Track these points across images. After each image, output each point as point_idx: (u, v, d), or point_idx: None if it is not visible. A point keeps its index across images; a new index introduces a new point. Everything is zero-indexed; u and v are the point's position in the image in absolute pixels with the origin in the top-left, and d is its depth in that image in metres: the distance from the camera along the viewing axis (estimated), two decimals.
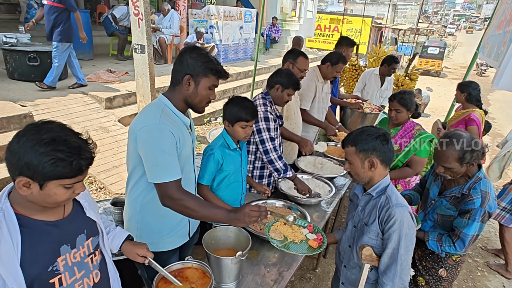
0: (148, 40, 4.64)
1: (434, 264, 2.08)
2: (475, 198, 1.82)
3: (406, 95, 2.57)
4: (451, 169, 1.86)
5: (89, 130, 4.45)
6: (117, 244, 1.46)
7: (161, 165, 1.49)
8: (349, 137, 1.67)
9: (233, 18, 9.07)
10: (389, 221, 1.53)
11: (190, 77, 1.54)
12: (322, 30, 17.24)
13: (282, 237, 1.86)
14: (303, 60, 2.80)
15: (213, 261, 1.64)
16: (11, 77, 5.29)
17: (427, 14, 48.80)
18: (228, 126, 2.03)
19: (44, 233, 1.10)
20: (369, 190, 1.66)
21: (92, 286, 1.24)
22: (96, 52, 7.91)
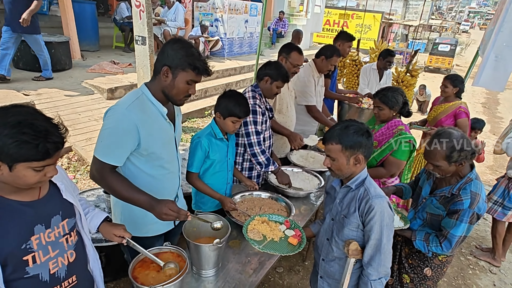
0: (149, 32, 4.67)
1: (420, 262, 2.07)
2: (464, 199, 1.79)
3: (389, 92, 2.48)
4: (439, 167, 1.83)
5: (89, 120, 4.54)
6: (95, 224, 1.50)
7: (105, 144, 1.53)
8: (333, 134, 1.60)
9: (239, 12, 9.05)
10: (369, 212, 1.54)
11: (168, 68, 1.55)
12: (331, 25, 17.06)
13: (261, 236, 1.85)
14: (296, 55, 2.78)
15: (192, 248, 1.68)
16: (16, 66, 5.40)
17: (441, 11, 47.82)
18: (219, 118, 2.06)
19: (18, 212, 1.14)
20: (348, 183, 1.65)
21: (67, 265, 1.28)
22: (102, 43, 7.99)
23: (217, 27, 8.74)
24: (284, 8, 13.07)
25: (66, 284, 1.29)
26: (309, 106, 3.27)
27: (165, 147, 1.71)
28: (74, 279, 1.32)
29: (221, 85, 7.32)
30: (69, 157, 4.00)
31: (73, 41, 6.17)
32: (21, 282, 1.16)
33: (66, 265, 1.28)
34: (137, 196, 1.57)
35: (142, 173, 1.68)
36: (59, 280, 1.26)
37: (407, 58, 14.56)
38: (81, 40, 6.69)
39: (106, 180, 1.57)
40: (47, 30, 6.96)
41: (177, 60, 1.53)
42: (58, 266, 1.25)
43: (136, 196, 1.57)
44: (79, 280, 1.34)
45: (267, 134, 2.60)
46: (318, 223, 1.97)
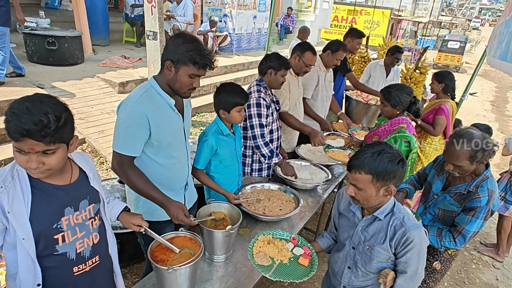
0: (161, 27, 4.75)
1: (429, 256, 2.09)
2: (482, 196, 1.81)
3: (394, 90, 2.46)
4: (461, 167, 1.83)
5: (102, 113, 4.65)
6: (115, 213, 1.62)
7: (121, 137, 1.64)
8: (362, 161, 1.38)
9: (247, 7, 9.09)
10: (407, 245, 1.43)
11: (170, 63, 1.62)
12: (339, 21, 17.00)
13: (269, 260, 1.75)
14: (310, 55, 2.82)
15: (205, 234, 1.77)
16: (30, 60, 5.53)
17: (451, 7, 47.11)
18: (224, 114, 2.11)
19: (52, 194, 1.24)
20: (376, 214, 1.50)
21: (91, 246, 1.40)
22: (112, 38, 8.11)
23: (225, 23, 8.80)
24: (292, 4, 13.05)
25: (90, 263, 1.40)
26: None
27: (174, 137, 1.79)
28: (97, 259, 1.43)
29: (230, 80, 7.40)
30: (82, 148, 4.13)
31: (85, 36, 6.28)
32: (51, 258, 1.27)
33: (91, 246, 1.39)
34: (152, 193, 1.69)
35: (152, 162, 1.78)
36: (84, 259, 1.37)
37: (416, 55, 14.47)
38: (92, 34, 6.81)
39: (126, 173, 1.67)
40: (59, 24, 7.09)
41: (178, 54, 1.59)
42: (84, 247, 1.36)
43: (151, 193, 1.69)
44: (101, 260, 1.45)
45: (274, 126, 2.67)
46: (327, 237, 1.90)
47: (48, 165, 1.15)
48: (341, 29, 16.99)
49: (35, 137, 1.06)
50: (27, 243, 1.19)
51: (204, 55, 1.61)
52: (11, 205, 1.15)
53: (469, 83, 4.38)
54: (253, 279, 1.77)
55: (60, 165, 1.21)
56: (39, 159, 1.13)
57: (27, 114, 1.05)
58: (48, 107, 1.09)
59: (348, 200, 1.65)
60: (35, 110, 1.06)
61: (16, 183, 1.18)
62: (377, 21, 15.71)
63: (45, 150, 1.11)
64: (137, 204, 1.90)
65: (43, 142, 1.08)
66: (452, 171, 1.88)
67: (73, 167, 1.36)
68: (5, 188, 1.16)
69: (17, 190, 1.17)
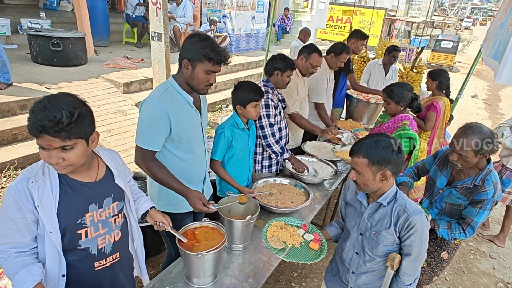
0: (165, 28, 4.86)
1: (437, 247, 2.20)
2: (489, 189, 1.90)
3: (396, 88, 2.58)
4: (465, 157, 1.90)
5: (108, 113, 4.74)
6: (139, 213, 1.66)
7: (144, 132, 1.75)
8: (361, 147, 1.54)
9: (246, 8, 9.21)
10: (409, 229, 1.54)
11: (187, 61, 1.73)
12: (334, 21, 17.17)
13: (282, 243, 1.85)
14: (317, 57, 2.95)
15: (226, 223, 1.89)
16: (35, 61, 5.58)
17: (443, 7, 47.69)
18: (240, 109, 2.26)
19: (78, 191, 1.30)
20: (379, 200, 1.62)
21: (113, 242, 1.45)
22: (112, 39, 8.17)
23: (225, 23, 8.90)
24: (289, 5, 13.19)
25: (110, 259, 1.45)
26: (318, 103, 3.46)
27: (192, 133, 1.90)
28: (117, 256, 1.49)
29: (230, 80, 7.51)
30: None
31: (88, 37, 6.35)
32: (74, 252, 1.34)
33: (112, 243, 1.44)
34: (172, 183, 1.80)
35: (173, 156, 1.89)
36: (105, 255, 1.43)
37: (410, 54, 14.71)
38: (93, 35, 6.87)
39: (148, 166, 1.79)
40: (59, 25, 7.14)
41: (193, 52, 1.70)
42: (105, 243, 1.41)
43: (171, 183, 1.80)
44: (121, 257, 1.51)
45: (282, 124, 2.79)
46: (335, 226, 2.00)
47: (67, 160, 1.18)
48: (336, 29, 17.17)
49: (50, 132, 1.09)
50: (54, 236, 1.25)
51: (218, 52, 1.71)
52: (40, 199, 1.21)
53: (465, 81, 4.55)
54: (271, 266, 1.90)
55: (80, 160, 1.23)
56: (59, 154, 1.16)
57: (43, 111, 1.09)
58: (64, 103, 1.13)
59: (355, 191, 1.77)
60: (51, 107, 1.10)
61: (46, 178, 1.24)
62: (372, 21, 15.92)
63: (63, 146, 1.14)
64: (159, 197, 2.01)
65: (59, 137, 1.11)
66: (455, 162, 1.96)
67: (100, 165, 1.40)
68: (35, 183, 1.22)
69: (47, 185, 1.23)
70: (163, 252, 2.96)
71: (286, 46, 11.76)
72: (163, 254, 2.95)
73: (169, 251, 2.17)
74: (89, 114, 1.22)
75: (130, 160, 4.10)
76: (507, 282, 3.24)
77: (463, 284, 3.15)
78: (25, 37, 6.25)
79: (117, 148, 4.22)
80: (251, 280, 1.76)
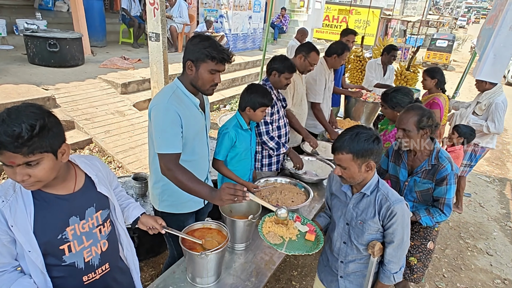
0: (163, 28, 4.86)
1: (422, 240, 2.25)
2: (446, 165, 2.00)
3: (394, 92, 2.55)
4: (408, 132, 2.01)
5: (106, 114, 4.73)
6: (135, 214, 1.61)
7: (163, 138, 1.72)
8: (342, 143, 1.58)
9: (243, 8, 9.21)
10: (391, 217, 1.60)
11: (191, 62, 1.73)
12: (330, 21, 17.20)
13: (280, 238, 1.85)
14: (315, 55, 3.00)
15: (228, 223, 1.90)
16: (31, 62, 5.55)
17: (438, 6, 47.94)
18: (249, 111, 2.27)
19: (55, 205, 1.22)
20: (363, 190, 1.67)
21: (100, 253, 1.37)
22: (108, 39, 8.14)
23: (221, 23, 8.91)
24: (285, 4, 13.22)
25: (99, 271, 1.38)
26: (314, 103, 3.48)
27: (197, 134, 1.91)
28: (107, 267, 1.41)
29: (228, 80, 7.52)
30: (90, 148, 4.21)
31: (84, 37, 6.32)
32: (59, 268, 1.26)
33: (100, 254, 1.37)
34: (199, 187, 1.70)
35: None
36: (93, 268, 1.35)
37: (406, 53, 14.79)
38: (90, 36, 6.84)
39: (174, 173, 1.71)
40: (54, 26, 7.11)
41: (196, 53, 1.70)
42: (92, 255, 1.33)
43: (198, 187, 1.70)
44: (111, 267, 1.43)
45: (281, 122, 2.81)
46: (324, 217, 2.04)
47: (34, 177, 1.09)
48: (332, 28, 17.20)
49: (10, 148, 1.01)
50: (34, 255, 1.17)
51: (220, 50, 1.71)
52: (14, 218, 1.13)
53: (461, 80, 4.60)
54: (273, 265, 1.92)
55: (49, 176, 1.14)
56: (24, 171, 1.07)
57: (1, 126, 1.01)
58: (24, 116, 1.03)
59: (339, 182, 1.81)
60: (10, 120, 1.02)
61: (18, 195, 1.16)
62: (367, 21, 15.97)
63: (26, 162, 1.05)
64: (161, 198, 2.01)
65: (21, 153, 1.03)
66: (401, 139, 2.07)
67: (78, 174, 1.31)
68: (6, 202, 1.14)
69: (19, 203, 1.15)
70: (164, 253, 2.97)
71: (282, 45, 11.79)
72: (164, 255, 2.95)
73: (171, 252, 2.17)
74: (55, 125, 1.12)
75: (129, 161, 4.11)
76: (504, 278, 3.28)
77: (461, 281, 3.19)
78: (20, 38, 6.22)
79: (116, 149, 4.22)
80: (253, 279, 1.78)
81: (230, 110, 6.68)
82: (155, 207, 2.06)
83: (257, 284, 1.76)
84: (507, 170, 5.83)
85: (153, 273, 2.77)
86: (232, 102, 7.09)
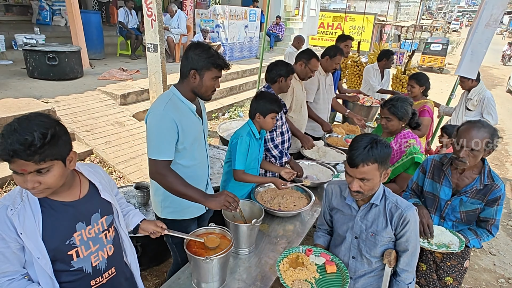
0: (161, 39, 4.91)
1: (460, 259, 2.10)
2: (500, 185, 1.86)
3: (399, 102, 2.37)
4: (475, 153, 1.82)
5: (106, 125, 4.76)
6: (135, 221, 1.62)
7: (155, 144, 1.76)
8: (366, 154, 1.46)
9: (239, 17, 9.33)
10: (405, 225, 1.55)
11: (195, 71, 1.78)
12: (325, 28, 17.41)
13: (308, 284, 1.64)
14: (315, 62, 3.08)
15: (232, 228, 1.91)
16: (31, 76, 5.60)
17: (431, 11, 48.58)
18: (259, 118, 2.28)
19: (62, 211, 1.25)
20: (372, 201, 1.60)
21: (107, 258, 1.40)
22: (106, 51, 8.22)
23: (218, 33, 9.01)
24: (280, 13, 13.39)
25: (106, 275, 1.41)
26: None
27: (196, 140, 1.93)
28: (113, 271, 1.44)
29: (226, 89, 7.58)
30: (91, 159, 4.22)
31: (83, 50, 6.39)
32: (68, 274, 1.29)
33: (106, 258, 1.40)
34: (191, 191, 1.78)
35: (177, 165, 1.90)
36: (101, 272, 1.38)
37: (401, 58, 14.95)
38: (88, 49, 6.91)
39: (165, 178, 1.77)
40: (53, 40, 7.20)
41: (201, 62, 1.76)
42: (99, 260, 1.37)
43: (190, 191, 1.78)
44: (117, 271, 1.47)
45: (284, 128, 2.84)
46: (322, 235, 1.94)
47: (44, 184, 1.13)
48: (327, 35, 17.39)
49: (23, 156, 1.04)
50: (43, 262, 1.20)
51: (222, 58, 1.81)
52: (23, 226, 1.16)
53: (456, 82, 4.65)
54: None
55: (58, 183, 1.18)
56: (34, 178, 1.11)
57: (14, 134, 1.04)
58: (35, 125, 1.07)
59: (339, 195, 1.73)
60: (22, 129, 1.05)
61: (26, 203, 1.19)
62: (362, 27, 16.18)
63: (38, 169, 1.09)
64: (163, 205, 2.03)
65: (32, 161, 1.06)
66: (463, 160, 1.85)
67: (82, 181, 1.35)
68: (15, 210, 1.16)
69: (27, 211, 1.18)
70: (168, 261, 2.97)
71: (279, 53, 11.90)
72: (167, 263, 2.95)
73: (175, 258, 2.18)
74: (64, 134, 1.17)
75: (130, 171, 4.12)
76: (508, 278, 3.29)
77: (465, 281, 3.18)
78: (19, 53, 6.29)
79: (117, 160, 4.24)
80: (258, 283, 1.79)
81: (229, 118, 6.72)
82: (157, 214, 2.07)
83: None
84: (506, 170, 5.87)
85: (157, 282, 2.77)
86: (230, 110, 7.14)
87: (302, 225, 2.32)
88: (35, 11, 9.61)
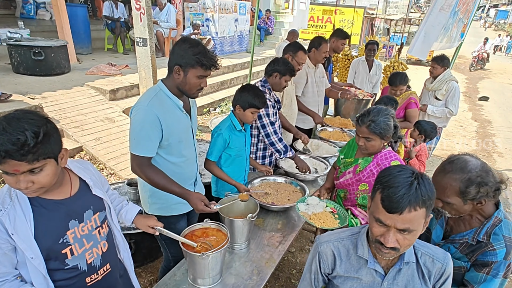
0: (150, 33, 4.83)
1: None
2: (498, 248, 1.36)
3: (380, 117, 1.86)
4: (450, 205, 1.39)
5: (96, 121, 4.68)
6: (130, 218, 1.63)
7: (136, 139, 1.74)
8: (415, 195, 1.06)
9: (228, 11, 9.24)
10: (446, 278, 1.25)
11: (179, 67, 1.73)
12: (315, 21, 17.37)
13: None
14: (302, 54, 3.06)
15: (227, 223, 1.90)
16: (16, 71, 5.45)
17: (419, 4, 48.93)
18: (239, 110, 2.26)
19: (53, 210, 1.23)
20: (406, 259, 1.23)
21: (101, 254, 1.40)
22: (94, 46, 8.05)
23: (208, 27, 8.91)
24: (270, 6, 13.31)
25: (101, 272, 1.40)
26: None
27: (183, 136, 1.90)
28: (108, 267, 1.44)
29: (216, 83, 7.52)
30: (81, 156, 4.15)
31: (70, 45, 6.24)
32: (62, 272, 1.28)
33: (101, 255, 1.39)
34: (172, 187, 1.80)
35: (165, 161, 1.89)
36: (96, 269, 1.38)
37: (390, 51, 15.05)
38: (75, 43, 6.76)
39: (145, 173, 1.77)
40: (38, 34, 7.00)
41: (186, 58, 1.70)
42: (94, 256, 1.36)
43: (170, 187, 1.80)
44: (112, 267, 1.46)
45: (277, 125, 2.84)
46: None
47: (38, 183, 1.11)
48: (317, 28, 17.36)
49: (16, 157, 1.01)
50: (36, 262, 1.17)
51: (210, 57, 1.73)
52: (14, 226, 1.13)
53: None
54: (273, 263, 1.93)
55: (52, 181, 1.16)
56: (27, 178, 1.08)
57: (4, 134, 1.00)
58: (25, 123, 1.03)
59: (354, 255, 1.30)
60: (12, 129, 1.01)
61: (16, 203, 1.16)
62: (351, 20, 16.20)
63: (31, 169, 1.06)
64: (151, 201, 2.00)
65: (26, 161, 1.03)
66: (441, 209, 1.45)
67: (72, 178, 1.33)
68: (4, 211, 1.13)
69: (18, 211, 1.15)
70: (162, 258, 2.94)
71: (269, 47, 11.87)
72: (162, 260, 2.92)
73: (166, 255, 2.16)
74: (55, 131, 1.13)
75: (121, 168, 4.07)
76: None
77: None
78: (3, 48, 6.09)
79: (107, 156, 4.17)
80: (255, 278, 1.79)
81: (220, 113, 6.68)
82: (145, 210, 2.05)
83: (259, 282, 1.76)
84: (494, 161, 5.98)
85: (151, 279, 2.75)
86: (222, 105, 7.09)
87: (297, 219, 2.33)
88: (18, 5, 9.32)
